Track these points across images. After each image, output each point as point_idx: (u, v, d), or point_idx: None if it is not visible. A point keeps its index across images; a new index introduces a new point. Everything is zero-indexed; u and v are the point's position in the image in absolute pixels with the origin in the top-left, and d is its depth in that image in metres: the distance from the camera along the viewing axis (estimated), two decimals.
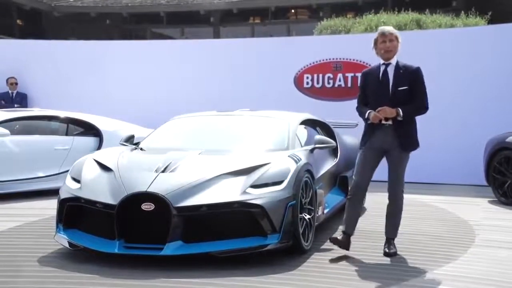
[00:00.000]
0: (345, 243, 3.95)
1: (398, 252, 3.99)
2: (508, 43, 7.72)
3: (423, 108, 3.95)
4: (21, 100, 8.90)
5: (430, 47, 7.88)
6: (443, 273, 3.60)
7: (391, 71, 3.93)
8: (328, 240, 4.02)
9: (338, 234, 4.06)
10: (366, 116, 3.94)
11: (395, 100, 3.86)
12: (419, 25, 10.61)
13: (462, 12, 11.41)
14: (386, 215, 4.04)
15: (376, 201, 5.42)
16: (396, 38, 3.92)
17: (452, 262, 3.84)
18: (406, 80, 3.89)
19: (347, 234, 3.99)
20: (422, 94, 3.92)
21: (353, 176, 4.07)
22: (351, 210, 4.03)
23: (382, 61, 3.97)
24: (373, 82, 3.98)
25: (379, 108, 3.85)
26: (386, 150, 3.96)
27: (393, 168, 3.96)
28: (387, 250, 3.95)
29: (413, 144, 3.98)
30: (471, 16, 11.07)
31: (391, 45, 3.90)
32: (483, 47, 7.76)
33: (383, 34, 3.91)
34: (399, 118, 3.85)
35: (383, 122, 3.88)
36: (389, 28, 3.96)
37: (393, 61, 3.94)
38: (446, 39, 8.05)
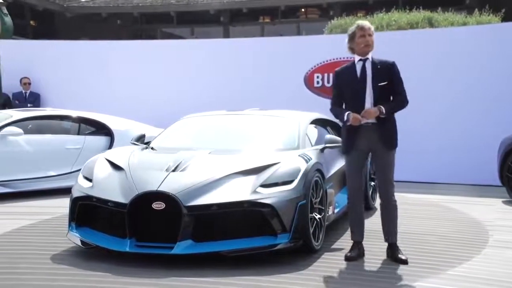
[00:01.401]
0: (359, 255, 3.86)
1: (409, 253, 3.93)
2: None
3: (404, 102, 3.84)
4: (34, 99, 9.00)
5: (442, 45, 7.82)
6: (455, 274, 3.57)
7: (368, 67, 3.81)
8: (344, 259, 3.85)
9: (349, 250, 3.92)
10: (345, 118, 3.80)
11: (375, 96, 3.77)
12: (431, 24, 10.53)
13: (476, 9, 11.31)
14: (382, 220, 3.92)
15: None
16: (373, 32, 3.84)
17: (465, 263, 3.80)
18: (385, 75, 3.80)
19: (357, 241, 3.93)
20: (400, 89, 3.83)
21: (347, 183, 3.99)
22: (354, 217, 3.95)
23: (358, 58, 3.85)
24: (350, 80, 3.83)
25: (363, 112, 3.73)
26: (371, 151, 3.87)
27: (381, 169, 3.86)
28: (401, 257, 3.79)
29: (395, 141, 3.85)
30: (484, 13, 10.97)
31: (370, 39, 3.80)
32: (492, 46, 7.67)
33: (362, 28, 3.80)
34: (382, 116, 3.76)
35: (363, 122, 3.77)
36: (368, 23, 3.88)
37: (369, 56, 3.84)
38: (459, 37, 7.97)
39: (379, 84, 3.79)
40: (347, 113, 3.80)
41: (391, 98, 3.85)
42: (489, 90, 7.61)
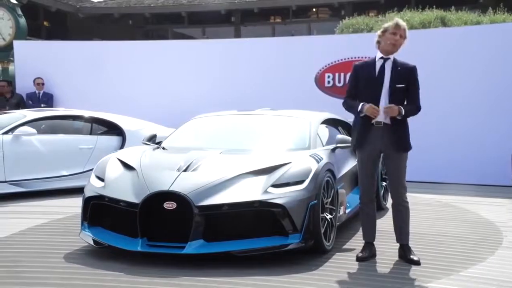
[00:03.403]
0: (370, 256, 3.85)
1: (422, 254, 3.91)
2: None
3: (418, 108, 3.80)
4: (47, 100, 9.09)
5: (455, 44, 7.75)
6: (469, 275, 3.54)
7: (388, 67, 3.75)
8: (355, 260, 3.83)
9: (360, 250, 3.91)
10: (358, 109, 3.73)
11: (392, 97, 3.71)
12: (444, 23, 10.45)
13: (490, 8, 11.19)
14: (394, 221, 3.89)
15: None
16: (406, 37, 3.77)
17: (478, 264, 3.77)
18: (403, 78, 3.74)
19: (368, 242, 3.91)
20: (416, 95, 3.77)
21: (359, 182, 3.96)
22: (366, 219, 3.93)
23: (379, 55, 3.80)
24: (368, 77, 3.77)
25: (386, 107, 3.66)
26: (383, 152, 3.82)
27: (393, 171, 3.82)
28: (413, 258, 3.76)
29: (408, 144, 3.80)
30: (499, 12, 10.85)
31: (399, 40, 3.75)
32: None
33: (397, 26, 3.73)
34: (398, 117, 3.71)
35: (374, 121, 3.72)
36: (405, 24, 3.81)
37: (392, 57, 3.79)
38: (472, 36, 7.89)
39: (397, 86, 3.73)
40: (362, 103, 3.73)
41: (405, 101, 3.79)
42: (499, 89, 7.52)
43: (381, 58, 3.80)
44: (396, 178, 3.81)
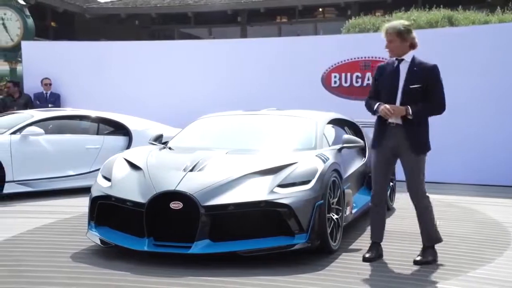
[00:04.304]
0: (377, 256, 3.82)
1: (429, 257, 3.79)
2: None
3: (438, 108, 3.72)
4: (55, 100, 9.14)
5: (462, 43, 7.71)
6: (477, 276, 3.52)
7: (404, 68, 3.72)
8: (362, 260, 3.81)
9: (367, 251, 3.89)
10: (374, 108, 3.75)
11: (406, 98, 3.68)
12: (451, 22, 10.39)
13: (498, 7, 11.12)
14: (418, 221, 3.87)
15: (408, 202, 5.33)
16: (399, 35, 3.69)
17: (487, 265, 3.74)
18: (419, 78, 3.69)
19: (375, 242, 3.88)
20: (436, 94, 3.68)
21: (372, 180, 3.94)
22: (375, 218, 3.91)
23: (395, 56, 3.80)
24: (386, 77, 3.78)
25: (392, 106, 3.65)
26: (398, 153, 3.79)
27: (408, 173, 3.78)
28: (415, 258, 3.75)
29: (424, 146, 3.74)
30: (507, 11, 10.78)
31: (390, 46, 3.74)
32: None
33: (384, 33, 3.75)
34: (409, 117, 3.67)
35: (389, 121, 3.71)
36: (388, 27, 3.75)
37: (407, 58, 3.74)
38: (480, 36, 7.84)
39: (411, 87, 3.69)
40: (378, 103, 3.74)
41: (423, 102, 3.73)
42: (505, 89, 7.45)
43: (396, 59, 3.80)
44: (411, 180, 3.76)
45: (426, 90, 3.70)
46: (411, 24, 3.84)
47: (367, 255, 3.82)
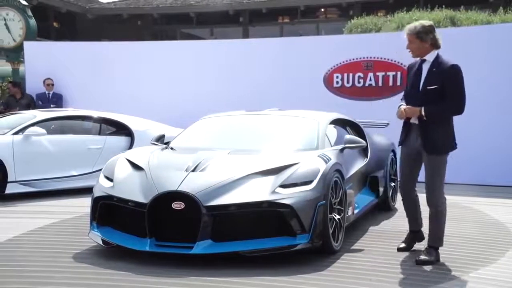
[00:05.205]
0: (410, 244, 4.02)
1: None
2: None
3: (454, 108, 3.70)
4: (57, 100, 9.16)
5: (466, 44, 7.69)
6: (480, 276, 3.51)
7: (425, 68, 3.76)
8: (396, 251, 4.00)
9: (402, 241, 4.09)
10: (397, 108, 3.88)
11: (425, 98, 3.70)
12: (453, 23, 10.38)
13: (501, 8, 11.10)
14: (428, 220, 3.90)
15: None
16: (418, 36, 3.70)
17: (489, 266, 3.74)
18: (437, 79, 3.69)
19: (412, 231, 4.04)
20: (453, 94, 3.65)
21: (399, 179, 4.10)
22: (407, 210, 4.06)
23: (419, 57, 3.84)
24: (411, 77, 3.87)
25: (406, 107, 3.75)
26: (420, 151, 3.82)
27: (426, 171, 3.81)
28: (417, 257, 3.76)
29: (440, 147, 3.72)
30: (510, 11, 10.76)
31: (410, 46, 3.77)
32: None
33: (405, 35, 3.79)
34: (424, 118, 3.70)
35: (411, 121, 3.79)
36: (407, 29, 3.78)
37: (429, 58, 3.75)
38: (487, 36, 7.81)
39: (427, 88, 3.71)
40: (400, 104, 3.86)
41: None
42: (507, 90, 7.43)
43: (420, 59, 3.83)
44: (426, 179, 3.80)
45: (443, 91, 3.70)
46: (432, 25, 3.82)
47: (401, 246, 4.01)
